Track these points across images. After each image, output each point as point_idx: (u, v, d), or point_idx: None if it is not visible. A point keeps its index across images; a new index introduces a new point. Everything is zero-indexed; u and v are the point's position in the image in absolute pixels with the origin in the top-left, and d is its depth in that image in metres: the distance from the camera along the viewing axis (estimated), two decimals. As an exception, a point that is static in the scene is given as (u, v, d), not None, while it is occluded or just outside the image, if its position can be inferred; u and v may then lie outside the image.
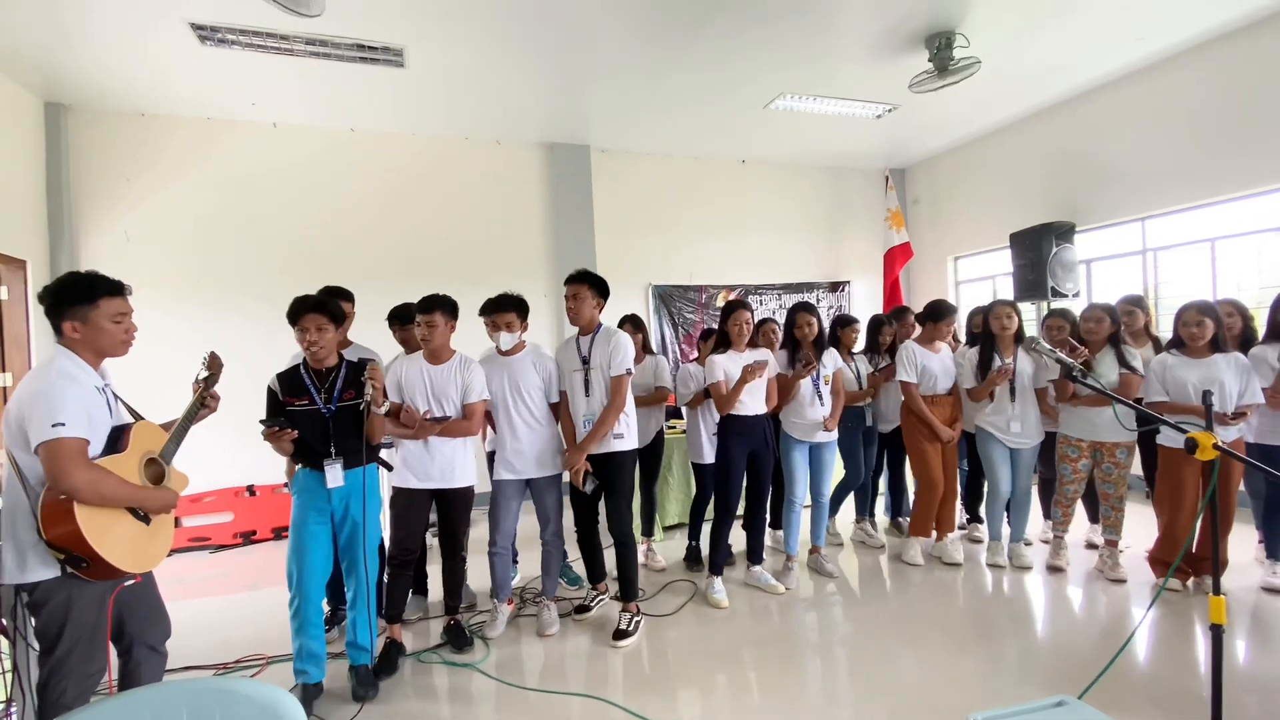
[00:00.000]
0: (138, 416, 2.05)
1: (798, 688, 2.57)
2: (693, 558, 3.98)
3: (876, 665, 2.71)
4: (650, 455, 3.96)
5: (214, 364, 2.28)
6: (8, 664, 1.92)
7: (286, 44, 4.21)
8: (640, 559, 3.80)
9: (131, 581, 1.91)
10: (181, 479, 2.09)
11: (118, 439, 1.90)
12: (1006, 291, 6.04)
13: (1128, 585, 3.37)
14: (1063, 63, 5.00)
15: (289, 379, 2.57)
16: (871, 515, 4.43)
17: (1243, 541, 3.63)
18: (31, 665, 1.86)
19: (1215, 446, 1.48)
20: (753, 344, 3.53)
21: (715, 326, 3.95)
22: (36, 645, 1.83)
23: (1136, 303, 3.80)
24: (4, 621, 1.87)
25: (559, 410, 3.20)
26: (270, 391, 2.56)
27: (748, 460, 3.42)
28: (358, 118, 5.45)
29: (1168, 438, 3.23)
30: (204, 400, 2.16)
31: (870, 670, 2.68)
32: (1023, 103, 5.82)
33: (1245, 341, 3.38)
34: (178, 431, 2.08)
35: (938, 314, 3.84)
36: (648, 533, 4.10)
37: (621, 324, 3.78)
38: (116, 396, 2.00)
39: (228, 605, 3.79)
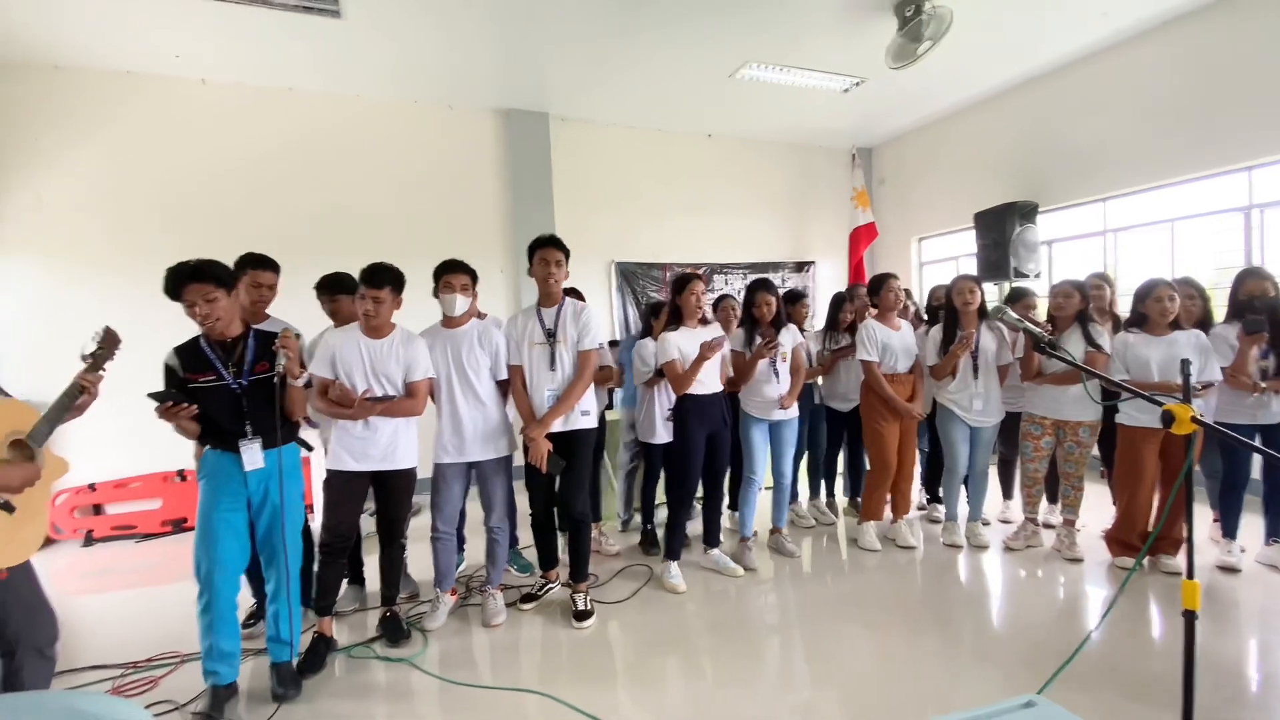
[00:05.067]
0: (4, 394, 1.79)
1: (752, 675, 2.45)
2: (648, 541, 3.84)
3: (832, 651, 2.61)
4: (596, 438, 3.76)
5: (108, 340, 2.01)
6: None
7: (211, -13, 3.85)
8: (592, 545, 3.65)
9: (-6, 578, 1.66)
10: (58, 463, 1.85)
11: (-28, 417, 1.65)
12: (970, 272, 6.00)
13: (1084, 564, 3.35)
14: (1029, 37, 4.91)
15: (189, 353, 2.28)
16: (831, 495, 4.37)
17: (1197, 520, 3.64)
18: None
19: (1194, 419, 1.37)
20: (704, 320, 3.37)
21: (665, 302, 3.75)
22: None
23: (1104, 279, 3.77)
24: None
25: (505, 389, 3.01)
26: (168, 369, 2.26)
27: (706, 441, 3.28)
28: (297, 76, 5.07)
29: (1128, 416, 3.21)
30: (83, 384, 1.89)
31: (826, 657, 2.58)
32: (989, 80, 5.74)
33: (1203, 322, 3.36)
34: (52, 412, 1.83)
35: (873, 287, 3.80)
36: (597, 518, 3.93)
37: None
38: None
39: (151, 598, 3.51)
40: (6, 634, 1.79)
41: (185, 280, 2.17)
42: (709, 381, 3.23)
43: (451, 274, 2.88)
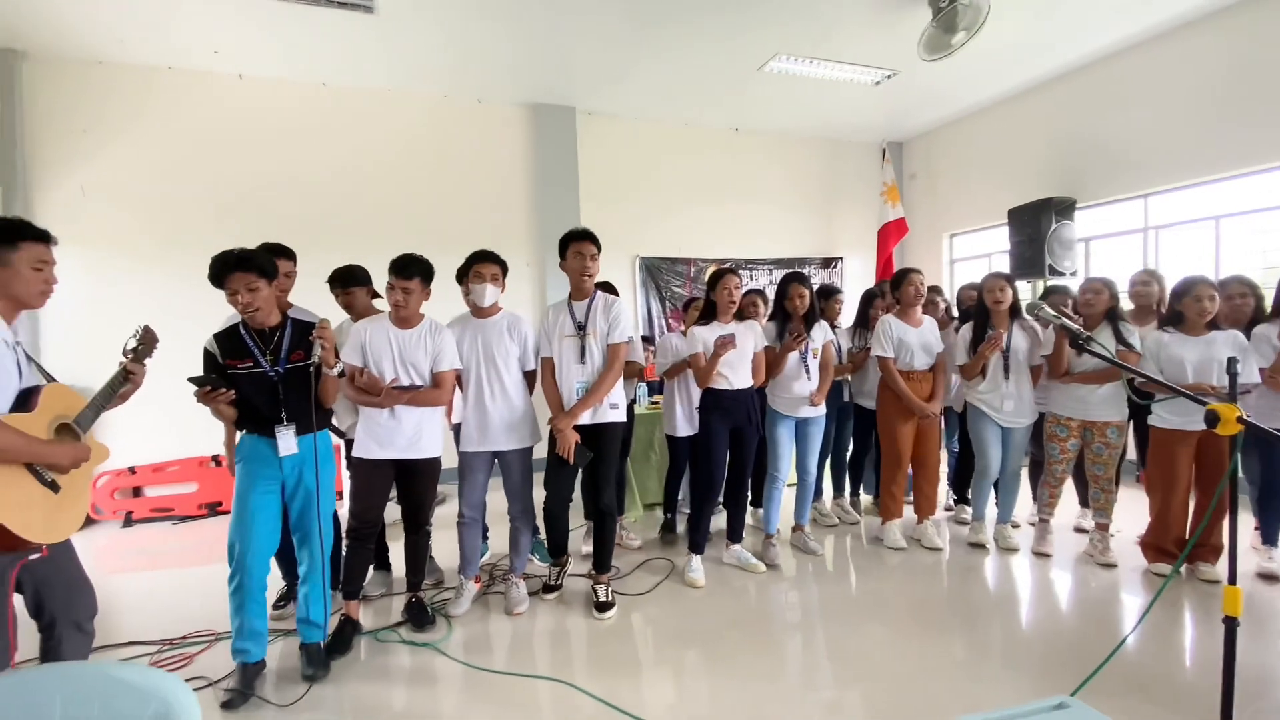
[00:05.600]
0: (51, 379, 1.85)
1: (773, 671, 2.44)
2: (668, 529, 3.85)
3: (854, 649, 2.59)
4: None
5: (147, 337, 2.08)
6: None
7: (247, -16, 3.93)
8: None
9: (37, 555, 1.73)
10: (100, 449, 1.91)
11: (25, 400, 1.71)
12: (1002, 270, 5.86)
13: (1118, 570, 3.26)
14: (1068, 28, 4.77)
15: (228, 339, 2.35)
16: (855, 493, 4.32)
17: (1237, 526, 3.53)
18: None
19: (1240, 420, 1.33)
20: (740, 315, 3.36)
21: (700, 297, 3.78)
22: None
23: (1153, 275, 3.64)
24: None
25: (533, 379, 3.04)
26: (208, 354, 2.34)
27: (731, 436, 3.27)
28: (330, 72, 5.16)
29: (1160, 418, 3.11)
30: (127, 373, 1.96)
31: (847, 655, 2.55)
32: (1025, 73, 5.60)
33: (1256, 321, 3.23)
34: (97, 400, 1.89)
35: (894, 282, 3.72)
36: (620, 511, 3.94)
37: None
38: (30, 359, 1.81)
39: (186, 578, 3.63)
40: (47, 608, 1.85)
41: (230, 268, 2.23)
42: (736, 378, 3.21)
43: (482, 264, 2.91)
